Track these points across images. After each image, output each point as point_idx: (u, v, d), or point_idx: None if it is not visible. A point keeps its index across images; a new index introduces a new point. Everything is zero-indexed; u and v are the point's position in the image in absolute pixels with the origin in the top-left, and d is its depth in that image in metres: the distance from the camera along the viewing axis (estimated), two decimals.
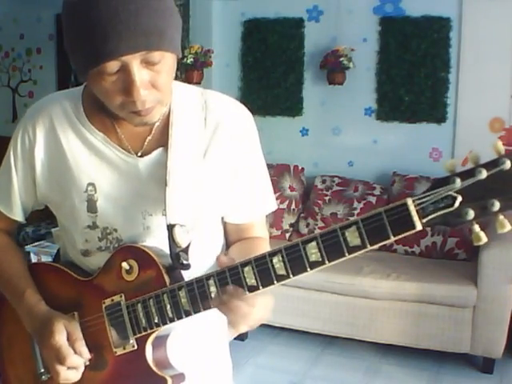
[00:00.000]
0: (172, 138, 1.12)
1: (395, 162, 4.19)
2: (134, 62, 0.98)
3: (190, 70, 4.38)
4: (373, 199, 4.00)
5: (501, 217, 0.82)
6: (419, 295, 3.36)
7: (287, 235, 4.18)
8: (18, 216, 1.24)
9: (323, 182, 4.19)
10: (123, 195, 1.14)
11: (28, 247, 3.56)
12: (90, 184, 1.14)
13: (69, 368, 1.10)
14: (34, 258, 3.46)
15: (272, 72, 4.54)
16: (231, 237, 1.26)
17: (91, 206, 1.14)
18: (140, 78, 0.99)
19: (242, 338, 3.54)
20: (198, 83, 4.44)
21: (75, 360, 1.10)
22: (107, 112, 1.13)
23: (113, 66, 0.98)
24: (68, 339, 1.10)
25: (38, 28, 5.55)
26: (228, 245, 1.26)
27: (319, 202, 4.11)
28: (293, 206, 4.21)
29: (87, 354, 1.12)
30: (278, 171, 4.27)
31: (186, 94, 1.18)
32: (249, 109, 1.23)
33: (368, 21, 4.24)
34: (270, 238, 1.29)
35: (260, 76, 4.58)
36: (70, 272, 1.19)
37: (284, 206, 4.19)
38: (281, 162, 4.30)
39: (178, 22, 1.04)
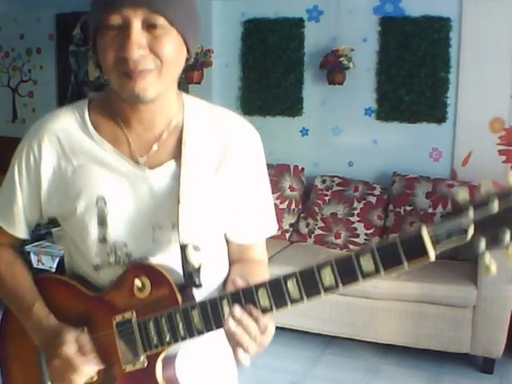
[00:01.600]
0: (185, 154, 1.12)
1: (395, 161, 4.19)
2: (135, 19, 1.01)
3: (190, 70, 4.37)
4: (373, 199, 4.00)
5: (511, 249, 0.84)
6: (419, 295, 3.36)
7: (287, 235, 4.18)
8: (21, 233, 1.24)
9: (323, 182, 4.19)
10: (133, 208, 1.13)
11: (28, 247, 3.56)
12: (99, 198, 1.13)
13: (80, 378, 1.09)
14: (33, 258, 3.47)
15: (272, 72, 4.54)
16: (232, 256, 1.26)
17: (101, 220, 1.13)
18: (136, 35, 1.01)
19: None
20: (198, 83, 4.45)
21: (87, 370, 1.09)
22: (116, 118, 1.13)
23: (115, 19, 1.01)
24: (79, 351, 1.10)
25: (38, 28, 5.55)
26: (229, 264, 1.26)
27: (319, 202, 4.11)
28: (293, 206, 4.21)
29: (99, 365, 1.11)
30: (278, 171, 4.27)
31: (197, 108, 1.19)
32: (249, 109, 1.24)
33: (368, 21, 4.24)
34: (270, 237, 1.29)
35: (260, 76, 4.58)
36: (79, 286, 1.18)
37: (284, 206, 4.19)
38: (281, 162, 4.29)
39: (192, 9, 1.08)
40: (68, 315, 1.16)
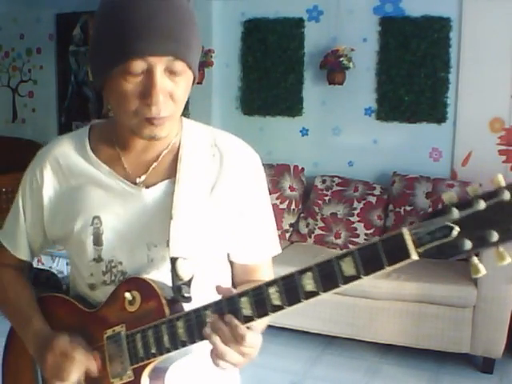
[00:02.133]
0: (180, 172, 1.13)
1: (395, 162, 4.19)
2: (159, 66, 1.01)
3: None
4: (373, 199, 4.00)
5: (500, 249, 0.81)
6: (419, 295, 3.36)
7: (287, 235, 4.18)
8: (24, 255, 1.28)
9: (323, 182, 4.19)
10: (128, 227, 1.14)
11: None
12: (95, 217, 1.15)
13: (75, 366, 1.10)
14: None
15: (272, 72, 4.54)
16: (238, 277, 1.26)
17: (97, 239, 1.15)
18: (161, 83, 1.02)
19: None
20: (200, 83, 4.44)
21: (80, 357, 1.10)
22: (113, 144, 1.16)
23: (138, 66, 1.01)
24: (71, 343, 1.11)
25: (38, 28, 5.55)
26: (235, 286, 1.26)
27: (319, 202, 4.11)
28: (293, 206, 4.22)
29: (90, 355, 1.11)
30: (278, 171, 4.27)
31: (195, 130, 1.20)
32: (249, 109, 1.24)
33: (368, 21, 4.24)
34: None
35: (260, 76, 4.58)
36: (77, 304, 1.20)
37: (284, 206, 4.19)
38: (281, 162, 4.30)
39: (199, 44, 1.09)
40: (65, 331, 1.17)
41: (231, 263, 1.26)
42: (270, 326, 3.89)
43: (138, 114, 1.04)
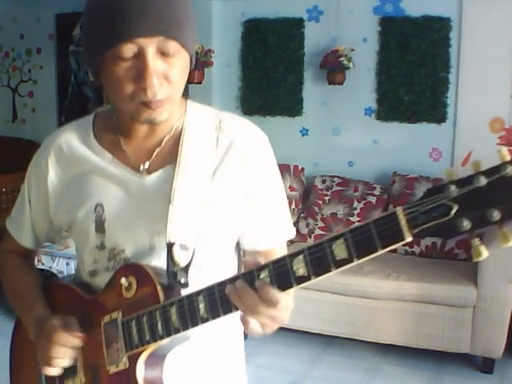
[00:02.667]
0: (181, 156, 1.12)
1: (395, 162, 4.19)
2: (150, 47, 0.99)
3: (191, 71, 4.37)
4: (373, 199, 4.00)
5: (504, 229, 0.75)
6: (419, 295, 3.36)
7: None
8: (28, 243, 1.29)
9: (323, 182, 4.19)
10: (131, 214, 1.13)
11: None
12: (98, 205, 1.14)
13: (58, 345, 1.10)
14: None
15: (272, 72, 4.54)
16: (251, 265, 1.23)
17: (99, 227, 1.15)
18: (154, 65, 1.00)
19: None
20: (199, 83, 4.45)
21: (64, 336, 1.10)
22: (116, 131, 1.15)
23: (129, 49, 0.99)
24: (64, 327, 1.11)
25: (38, 28, 5.56)
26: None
27: (319, 201, 4.11)
28: (293, 206, 4.21)
29: (78, 336, 1.11)
30: None
31: (200, 114, 1.17)
32: (249, 109, 1.23)
33: (368, 21, 4.24)
34: None
35: (260, 76, 4.58)
36: (79, 291, 1.20)
37: None
38: (281, 162, 4.22)
39: (194, 26, 1.07)
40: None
41: (243, 251, 1.23)
42: None
43: (134, 99, 1.03)
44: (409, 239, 0.80)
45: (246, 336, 1.08)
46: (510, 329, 3.28)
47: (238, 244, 1.22)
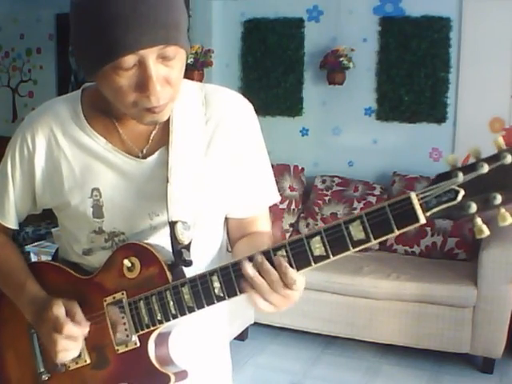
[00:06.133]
0: (173, 135, 1.12)
1: (395, 162, 4.19)
2: (151, 56, 0.98)
3: (191, 70, 4.38)
4: (373, 199, 4.00)
5: (502, 210, 0.83)
6: (419, 295, 3.36)
7: (287, 235, 4.18)
8: (11, 223, 1.25)
9: (323, 181, 4.19)
10: (129, 198, 1.13)
11: (28, 247, 3.55)
12: (94, 189, 1.13)
13: (67, 338, 1.09)
14: (34, 258, 3.46)
15: (272, 72, 4.54)
16: (234, 233, 1.23)
17: (97, 212, 1.14)
18: (156, 72, 0.99)
19: (242, 338, 3.54)
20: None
21: (72, 328, 1.08)
22: (108, 113, 1.13)
23: (130, 60, 0.97)
24: (66, 314, 1.09)
25: (38, 28, 5.55)
26: (231, 242, 1.24)
27: (319, 202, 4.12)
28: (293, 206, 4.22)
29: (85, 324, 1.10)
30: (278, 171, 4.26)
31: (185, 90, 1.15)
32: None
33: (368, 21, 4.24)
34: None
35: (260, 76, 4.58)
36: (70, 271, 1.19)
37: (284, 206, 4.19)
38: (281, 162, 4.29)
39: (187, 18, 1.05)
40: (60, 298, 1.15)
41: (226, 219, 1.23)
42: (269, 326, 3.90)
43: (137, 105, 1.02)
44: (423, 221, 0.87)
45: (246, 336, 1.08)
46: (510, 329, 3.28)
47: (225, 219, 1.24)
